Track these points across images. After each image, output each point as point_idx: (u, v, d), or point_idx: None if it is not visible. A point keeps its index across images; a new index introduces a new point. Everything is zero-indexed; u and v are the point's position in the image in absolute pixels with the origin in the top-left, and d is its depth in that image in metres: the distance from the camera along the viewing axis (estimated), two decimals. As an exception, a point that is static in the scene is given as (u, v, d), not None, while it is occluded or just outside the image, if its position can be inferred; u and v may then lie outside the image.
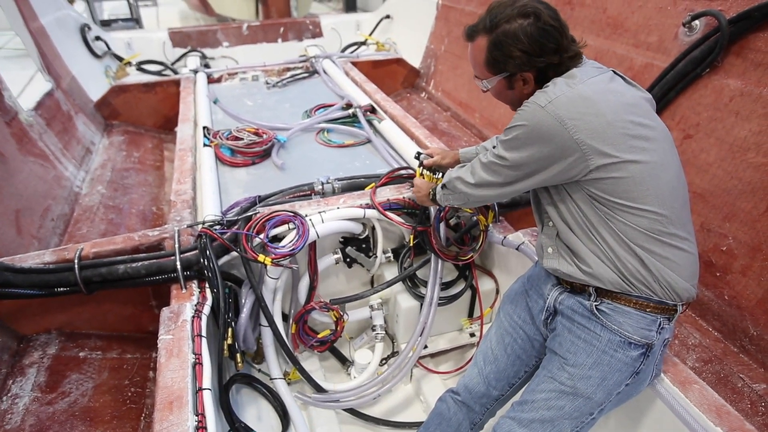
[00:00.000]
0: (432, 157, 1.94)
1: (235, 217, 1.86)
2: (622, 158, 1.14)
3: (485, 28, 1.24)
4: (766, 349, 1.67)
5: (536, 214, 1.45)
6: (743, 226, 1.77)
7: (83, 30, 4.27)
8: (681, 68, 1.99)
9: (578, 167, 1.17)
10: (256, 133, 2.66)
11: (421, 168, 1.95)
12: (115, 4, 9.39)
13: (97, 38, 4.45)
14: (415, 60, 4.60)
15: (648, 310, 1.24)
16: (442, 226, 1.98)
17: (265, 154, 2.60)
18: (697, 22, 2.01)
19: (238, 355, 1.76)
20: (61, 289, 1.68)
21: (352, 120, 2.97)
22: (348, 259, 2.09)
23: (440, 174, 1.97)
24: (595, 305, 1.28)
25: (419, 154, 2.00)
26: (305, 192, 2.10)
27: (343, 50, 5.09)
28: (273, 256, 1.73)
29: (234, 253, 1.78)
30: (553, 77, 1.23)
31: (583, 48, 1.27)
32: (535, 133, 1.17)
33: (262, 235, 1.77)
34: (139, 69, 4.58)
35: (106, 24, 8.13)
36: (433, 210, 1.96)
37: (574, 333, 1.31)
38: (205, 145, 2.60)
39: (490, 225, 2.05)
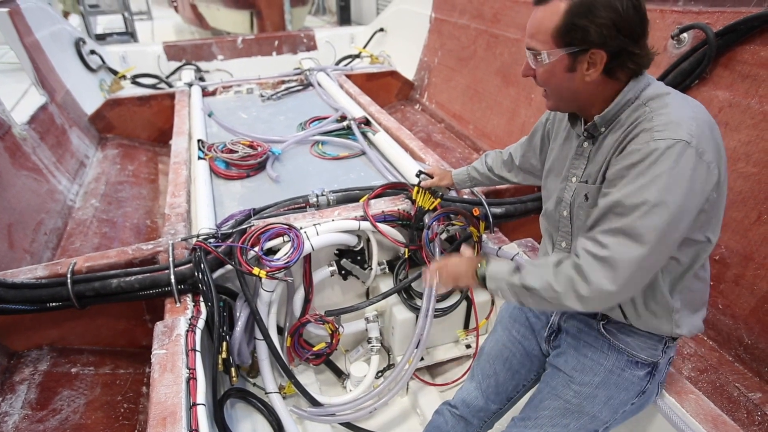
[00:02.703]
0: (432, 177, 1.96)
1: (230, 230, 1.86)
2: (721, 191, 1.05)
3: None
4: (761, 357, 1.67)
5: (551, 230, 1.36)
6: (735, 236, 1.79)
7: (78, 44, 4.29)
8: (670, 80, 2.03)
9: (694, 215, 1.02)
10: (251, 146, 2.66)
11: (419, 187, 1.98)
12: (110, 18, 9.46)
13: (92, 52, 4.48)
14: (408, 72, 4.65)
15: (655, 331, 1.23)
16: (437, 239, 1.98)
17: (260, 167, 2.60)
18: (685, 35, 2.05)
19: (233, 369, 1.74)
20: (54, 304, 1.66)
21: (347, 132, 2.98)
22: (343, 272, 2.09)
23: (440, 193, 1.99)
24: (602, 324, 1.27)
25: (420, 173, 2.01)
26: (300, 204, 2.10)
27: (338, 63, 5.14)
28: (268, 268, 1.72)
29: (229, 267, 1.77)
30: (623, 72, 1.07)
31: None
32: (681, 180, 0.96)
33: (256, 248, 1.76)
34: (134, 82, 4.60)
35: (101, 38, 8.18)
36: (427, 219, 1.97)
37: (580, 351, 1.30)
38: (199, 158, 2.60)
39: (484, 236, 2.05)
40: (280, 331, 2.04)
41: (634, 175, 0.99)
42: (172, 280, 1.67)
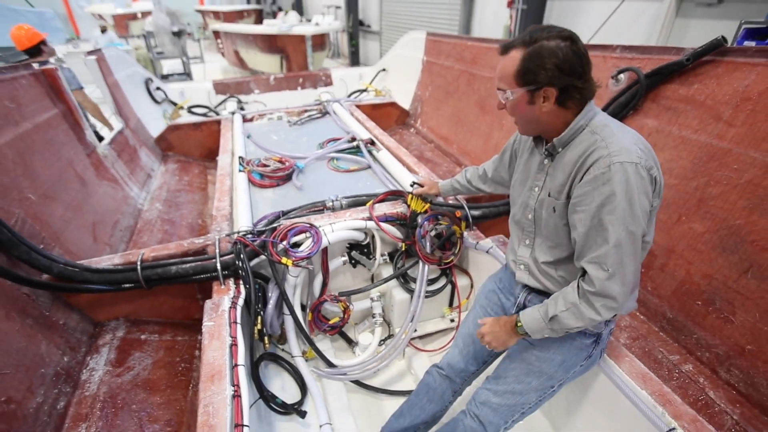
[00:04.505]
0: (423, 186, 1.96)
1: (263, 228, 1.87)
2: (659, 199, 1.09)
3: (523, 42, 1.07)
4: (680, 328, 1.68)
5: (517, 230, 1.35)
6: (661, 233, 1.79)
7: (147, 82, 4.31)
8: (611, 111, 2.03)
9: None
10: (280, 161, 2.68)
11: (412, 195, 1.98)
12: (173, 62, 9.49)
13: (158, 88, 4.50)
14: (405, 103, 4.65)
15: None
16: (427, 236, 1.99)
17: (287, 178, 2.61)
18: (622, 75, 2.05)
19: (266, 338, 1.76)
20: (127, 285, 1.69)
21: (356, 150, 2.99)
22: (353, 261, 2.10)
23: (430, 199, 1.99)
24: None
25: (414, 183, 2.02)
26: (319, 207, 2.12)
27: (349, 96, 5.13)
28: (293, 258, 1.74)
29: (262, 257, 1.79)
30: (572, 102, 1.09)
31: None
32: (639, 192, 1.01)
33: (284, 242, 1.78)
34: (189, 112, 4.62)
35: (164, 77, 8.24)
36: (419, 219, 1.97)
37: None
38: (240, 170, 2.62)
39: (465, 232, 2.06)
40: (303, 307, 2.05)
41: (608, 197, 1.01)
42: (218, 267, 1.69)
